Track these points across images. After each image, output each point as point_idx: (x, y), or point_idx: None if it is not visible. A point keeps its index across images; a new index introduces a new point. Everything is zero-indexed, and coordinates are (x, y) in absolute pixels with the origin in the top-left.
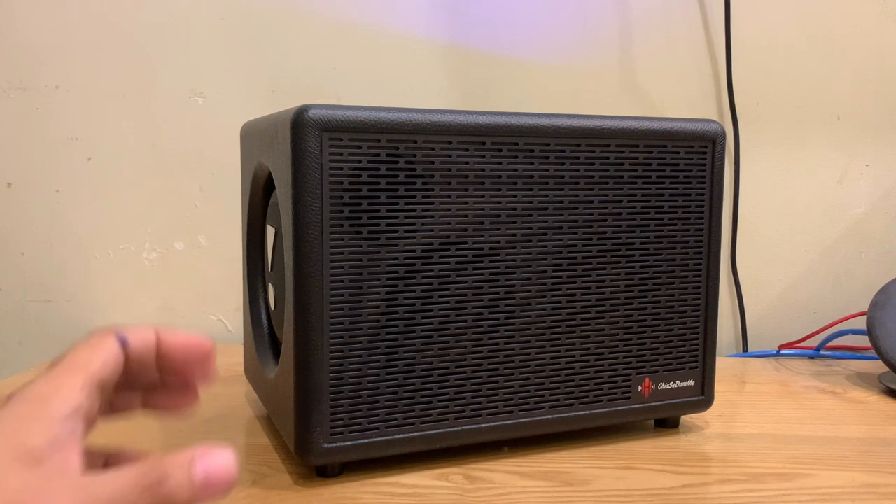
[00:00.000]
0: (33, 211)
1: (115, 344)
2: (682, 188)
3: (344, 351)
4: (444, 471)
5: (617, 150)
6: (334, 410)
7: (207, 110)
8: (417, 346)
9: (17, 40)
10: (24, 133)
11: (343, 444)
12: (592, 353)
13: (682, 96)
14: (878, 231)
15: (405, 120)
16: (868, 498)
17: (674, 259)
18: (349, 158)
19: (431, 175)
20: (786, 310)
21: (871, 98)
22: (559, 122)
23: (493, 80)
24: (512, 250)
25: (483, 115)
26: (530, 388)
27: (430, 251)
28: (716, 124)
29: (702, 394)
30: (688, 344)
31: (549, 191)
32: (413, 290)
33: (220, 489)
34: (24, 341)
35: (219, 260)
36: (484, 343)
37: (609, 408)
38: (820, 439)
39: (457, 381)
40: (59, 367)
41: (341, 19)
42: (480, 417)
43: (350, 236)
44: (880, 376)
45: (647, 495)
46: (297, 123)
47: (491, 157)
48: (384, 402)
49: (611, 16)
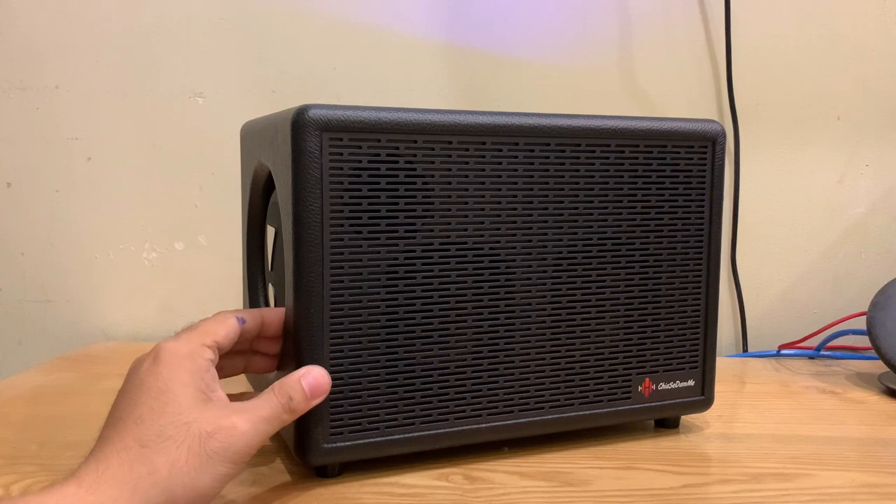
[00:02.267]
0: (33, 211)
1: (236, 322)
2: (682, 188)
3: (344, 351)
4: (444, 471)
5: (617, 151)
6: (334, 410)
7: (207, 110)
8: (417, 346)
9: (17, 40)
10: (24, 133)
11: (343, 445)
12: (593, 353)
13: (682, 96)
14: (878, 231)
15: (405, 120)
16: (868, 498)
17: (674, 259)
18: (349, 158)
19: (431, 175)
20: (786, 310)
21: (871, 98)
22: (559, 122)
23: (492, 80)
24: (512, 250)
25: (483, 115)
26: (530, 388)
27: (430, 251)
28: (716, 124)
29: (702, 394)
30: (688, 344)
31: (549, 191)
32: (413, 290)
33: (321, 394)
34: (23, 341)
35: (219, 260)
36: (484, 343)
37: (609, 408)
38: (820, 439)
39: (457, 380)
40: (193, 332)
41: (341, 19)
42: (480, 417)
43: (350, 236)
44: (880, 376)
45: (647, 495)
46: (297, 123)
47: (491, 157)
48: (384, 402)
49: (611, 16)
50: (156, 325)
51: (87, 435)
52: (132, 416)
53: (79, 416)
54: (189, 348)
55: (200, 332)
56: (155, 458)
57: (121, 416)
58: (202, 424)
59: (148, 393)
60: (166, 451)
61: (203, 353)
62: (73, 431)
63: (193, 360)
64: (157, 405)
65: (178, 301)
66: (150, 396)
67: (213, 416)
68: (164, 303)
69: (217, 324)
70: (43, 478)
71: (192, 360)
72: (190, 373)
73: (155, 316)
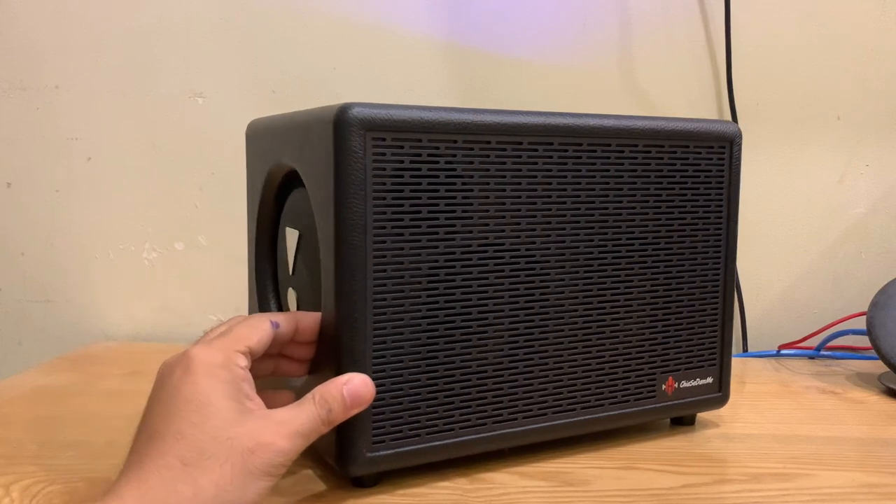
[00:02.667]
0: (33, 211)
1: (269, 326)
2: (702, 188)
3: (386, 356)
4: (445, 471)
5: (644, 151)
6: (377, 418)
7: (207, 110)
8: (457, 350)
9: (17, 40)
10: (24, 133)
11: (385, 453)
12: (621, 353)
13: (682, 96)
14: (878, 231)
15: (447, 120)
16: (868, 498)
17: (695, 257)
18: (391, 158)
19: (471, 175)
20: (786, 310)
21: (871, 98)
22: (592, 123)
23: (492, 79)
24: (546, 251)
25: (522, 115)
26: (563, 389)
27: (469, 253)
28: (733, 125)
29: (719, 391)
30: (707, 342)
31: (581, 191)
32: (453, 293)
33: (362, 404)
34: (23, 341)
35: (219, 260)
36: (520, 345)
37: (636, 407)
38: (820, 439)
39: (494, 384)
40: (225, 338)
41: (341, 19)
42: (517, 421)
43: (392, 238)
44: (880, 376)
45: (647, 495)
46: (339, 122)
47: (527, 157)
48: (424, 409)
49: (611, 16)
50: (156, 325)
51: (87, 435)
52: (170, 430)
53: (79, 416)
54: (224, 356)
55: (233, 338)
56: (199, 477)
57: (157, 430)
58: (243, 440)
59: (186, 405)
60: (210, 469)
61: (238, 360)
62: (73, 431)
63: (230, 370)
64: (197, 419)
65: (178, 301)
66: (189, 409)
67: (253, 430)
68: (164, 303)
69: (250, 328)
70: (43, 477)
71: (229, 369)
72: (227, 383)
73: (155, 316)
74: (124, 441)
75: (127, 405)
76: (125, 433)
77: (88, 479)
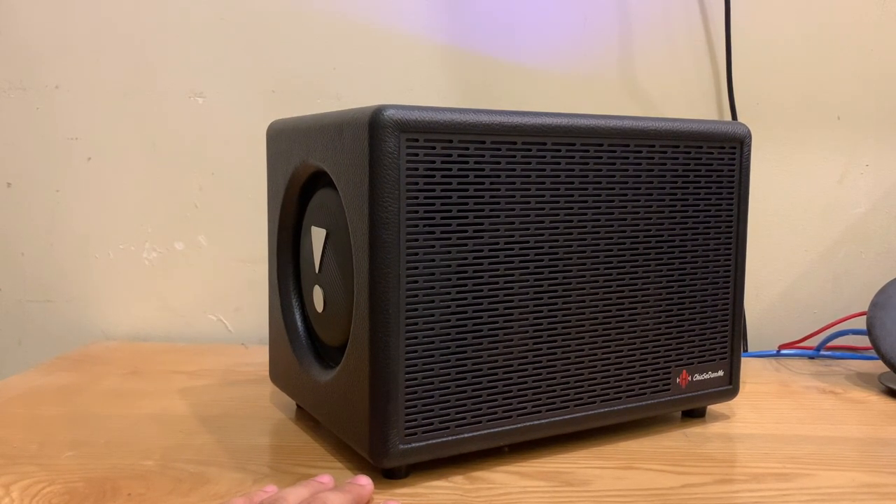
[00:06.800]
0: (33, 211)
1: None
2: (714, 187)
3: (418, 351)
4: (444, 471)
5: (661, 151)
6: (409, 411)
7: (207, 110)
8: (484, 345)
9: (17, 40)
10: (24, 133)
11: (417, 445)
12: (638, 346)
13: (682, 96)
14: (878, 231)
15: (477, 121)
16: (868, 498)
17: (707, 254)
18: (424, 159)
19: (498, 175)
20: (786, 310)
21: (871, 98)
22: (612, 124)
23: (492, 79)
24: (568, 248)
25: (547, 116)
26: (584, 382)
27: (497, 251)
28: (743, 126)
29: (730, 383)
30: (718, 336)
31: (602, 190)
32: (481, 290)
33: None
34: (24, 341)
35: (219, 260)
36: (543, 340)
37: (651, 400)
38: (820, 439)
39: (519, 378)
40: None
41: (341, 19)
42: (540, 413)
43: (424, 237)
44: (880, 376)
45: (647, 495)
46: (374, 124)
47: (551, 157)
48: (454, 402)
49: (611, 16)
50: (156, 325)
51: (87, 435)
52: None
53: (79, 416)
54: None
55: None
56: None
57: None
58: None
59: None
60: None
61: None
62: (73, 431)
63: None
64: None
65: (178, 301)
66: None
67: None
68: (164, 303)
69: None
70: (43, 477)
71: None
72: None
73: (155, 316)
74: (124, 441)
75: (127, 405)
76: (125, 433)
77: (88, 479)
